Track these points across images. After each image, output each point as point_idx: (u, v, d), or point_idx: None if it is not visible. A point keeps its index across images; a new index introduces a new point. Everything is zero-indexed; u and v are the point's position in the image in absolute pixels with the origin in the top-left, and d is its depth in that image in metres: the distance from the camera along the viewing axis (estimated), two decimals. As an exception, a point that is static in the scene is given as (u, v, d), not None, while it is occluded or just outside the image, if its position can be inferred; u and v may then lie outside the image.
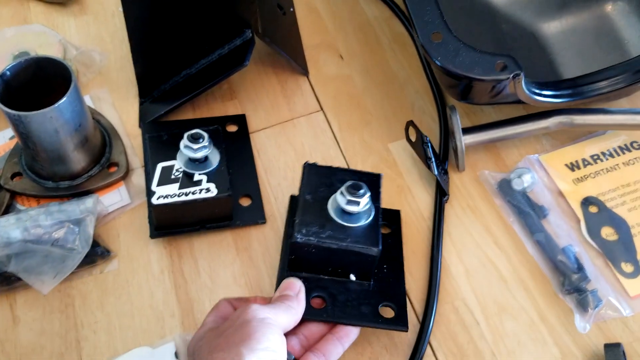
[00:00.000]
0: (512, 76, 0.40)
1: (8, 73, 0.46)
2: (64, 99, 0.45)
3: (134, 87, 0.58)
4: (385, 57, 0.61)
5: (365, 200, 0.40)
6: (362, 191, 0.40)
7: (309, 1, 0.65)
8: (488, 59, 0.40)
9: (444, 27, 0.41)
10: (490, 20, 0.56)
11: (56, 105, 0.45)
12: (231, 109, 0.57)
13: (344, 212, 0.41)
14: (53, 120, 0.45)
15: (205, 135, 0.46)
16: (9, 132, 0.56)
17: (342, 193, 0.40)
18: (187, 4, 0.50)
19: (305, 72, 0.59)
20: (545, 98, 0.43)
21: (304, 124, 0.56)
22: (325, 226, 0.41)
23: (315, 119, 0.57)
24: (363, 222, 0.41)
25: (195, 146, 0.45)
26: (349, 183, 0.41)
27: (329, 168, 0.45)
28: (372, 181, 0.44)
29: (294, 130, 0.56)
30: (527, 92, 0.42)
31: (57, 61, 0.47)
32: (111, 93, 0.58)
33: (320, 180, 0.43)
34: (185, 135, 0.46)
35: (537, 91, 0.43)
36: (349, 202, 0.40)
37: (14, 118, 0.44)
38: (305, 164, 0.45)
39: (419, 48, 0.46)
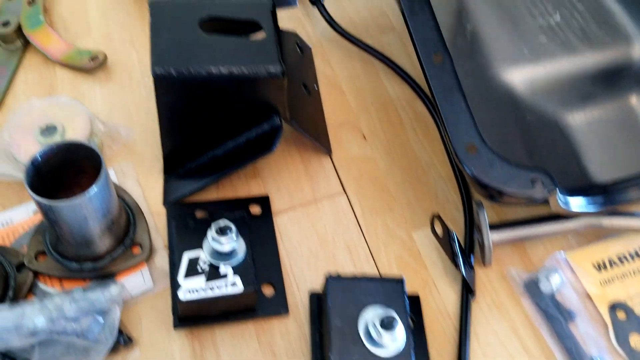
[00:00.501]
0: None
1: (39, 158, 0.47)
2: (95, 188, 0.45)
3: (158, 161, 0.58)
4: (407, 139, 0.61)
5: (396, 335, 0.41)
6: (394, 325, 0.41)
7: (332, 77, 0.66)
8: (523, 174, 0.40)
9: (478, 137, 0.41)
10: (514, 110, 0.57)
11: (87, 194, 0.45)
12: (254, 188, 0.57)
13: (373, 340, 0.41)
14: (83, 208, 0.45)
15: (233, 227, 0.46)
16: (33, 205, 0.55)
17: (374, 326, 0.41)
18: (219, 94, 0.50)
19: (328, 152, 0.59)
20: (577, 208, 0.43)
21: (327, 207, 0.56)
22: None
23: (339, 201, 0.57)
24: (397, 347, 0.42)
25: (224, 239, 0.45)
26: (378, 317, 0.41)
27: (352, 280, 0.45)
28: (395, 288, 0.44)
29: (317, 213, 0.56)
30: (560, 203, 0.42)
31: (87, 147, 0.48)
32: (136, 167, 0.58)
33: (345, 295, 0.43)
34: (213, 226, 0.46)
35: (569, 200, 0.43)
36: (382, 334, 0.40)
37: (45, 207, 0.44)
38: (327, 278, 0.45)
39: (452, 156, 0.46)
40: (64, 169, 0.48)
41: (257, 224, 0.54)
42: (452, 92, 0.43)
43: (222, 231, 0.45)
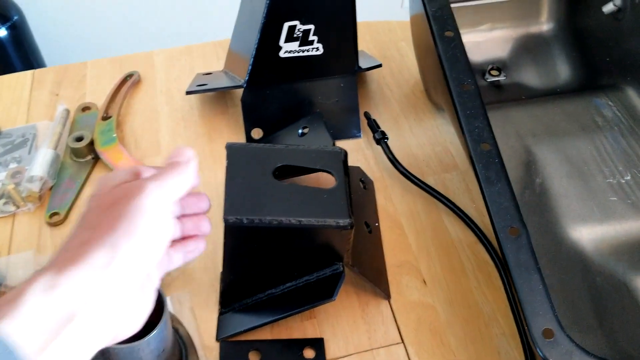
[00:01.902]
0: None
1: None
2: (155, 331, 0.45)
3: (215, 292, 0.58)
4: (469, 287, 0.59)
5: None
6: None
7: (393, 214, 0.65)
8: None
9: (556, 322, 0.39)
10: (582, 271, 0.55)
11: (146, 339, 0.44)
12: (310, 329, 0.56)
13: None
14: (140, 351, 0.45)
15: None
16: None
17: None
18: (286, 241, 0.51)
19: (387, 297, 0.58)
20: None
21: (384, 357, 0.54)
22: None
23: (396, 352, 0.55)
24: None
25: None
26: None
27: None
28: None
29: (373, 363, 0.54)
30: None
31: (153, 288, 0.48)
32: (192, 297, 0.58)
33: None
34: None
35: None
36: None
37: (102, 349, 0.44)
38: None
39: (529, 341, 0.44)
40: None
41: (311, 371, 0.53)
42: (529, 270, 0.41)
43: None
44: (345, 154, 0.54)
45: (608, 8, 0.68)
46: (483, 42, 0.81)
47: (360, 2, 0.67)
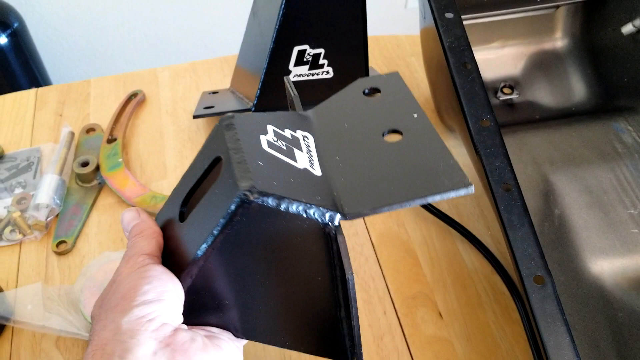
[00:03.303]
0: None
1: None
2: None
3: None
4: (486, 321, 0.58)
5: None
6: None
7: (406, 243, 0.64)
8: None
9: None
10: (604, 307, 0.54)
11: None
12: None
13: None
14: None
15: None
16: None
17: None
18: None
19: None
20: None
21: (401, 396, 0.53)
22: None
23: (412, 390, 0.54)
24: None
25: None
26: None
27: None
28: None
29: (390, 403, 0.53)
30: None
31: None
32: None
33: None
34: None
35: None
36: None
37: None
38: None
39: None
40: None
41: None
42: (555, 321, 0.40)
43: None
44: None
45: (627, 29, 0.66)
46: (495, 59, 0.79)
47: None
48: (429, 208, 0.64)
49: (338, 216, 0.34)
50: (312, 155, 0.38)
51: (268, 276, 0.37)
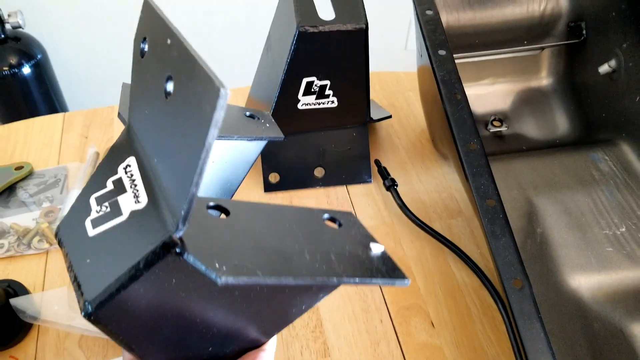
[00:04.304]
0: None
1: None
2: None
3: None
4: (474, 330, 0.63)
5: None
6: None
7: (402, 258, 0.70)
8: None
9: (556, 368, 0.43)
10: (581, 317, 0.59)
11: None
12: (325, 367, 0.60)
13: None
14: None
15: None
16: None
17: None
18: None
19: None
20: None
21: (395, 395, 0.58)
22: None
23: (406, 390, 0.59)
24: None
25: None
26: None
27: None
28: None
29: (384, 401, 0.58)
30: None
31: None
32: None
33: None
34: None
35: None
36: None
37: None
38: None
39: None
40: None
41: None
42: (532, 320, 0.46)
43: None
44: None
45: (604, 69, 0.73)
46: (486, 94, 0.86)
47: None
48: (424, 227, 0.70)
49: (173, 236, 0.29)
50: (136, 186, 0.33)
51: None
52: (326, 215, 0.39)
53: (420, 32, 0.66)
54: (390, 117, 0.83)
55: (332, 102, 0.74)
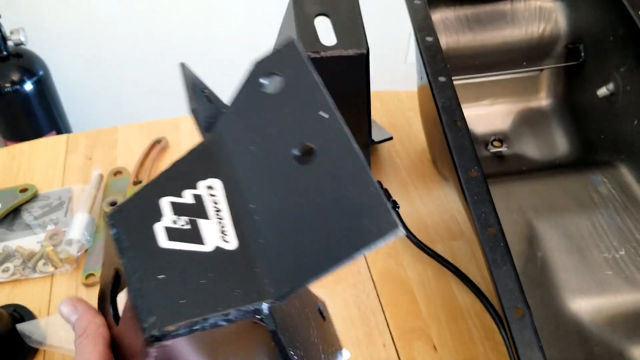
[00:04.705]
0: None
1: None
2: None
3: None
4: (476, 353, 0.64)
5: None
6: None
7: (404, 281, 0.70)
8: None
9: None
10: (581, 341, 0.60)
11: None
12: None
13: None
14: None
15: None
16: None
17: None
18: None
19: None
20: None
21: (398, 420, 0.59)
22: None
23: (409, 415, 0.59)
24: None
25: None
26: None
27: None
28: None
29: None
30: None
31: None
32: None
33: None
34: None
35: None
36: None
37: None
38: None
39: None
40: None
41: None
42: (533, 348, 0.46)
43: None
44: None
45: (602, 92, 0.74)
46: (486, 115, 0.87)
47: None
48: (426, 250, 0.71)
49: (265, 306, 0.29)
50: (222, 219, 0.31)
51: None
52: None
53: (420, 57, 0.67)
54: (391, 138, 0.84)
55: (334, 124, 0.75)
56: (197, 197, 0.32)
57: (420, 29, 0.69)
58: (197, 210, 0.31)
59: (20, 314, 0.65)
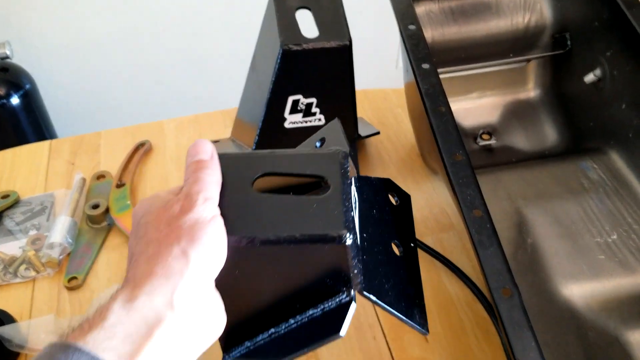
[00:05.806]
0: None
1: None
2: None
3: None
4: (469, 345, 0.62)
5: None
6: None
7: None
8: None
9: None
10: (575, 327, 0.58)
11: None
12: (318, 388, 0.59)
13: None
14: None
15: None
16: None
17: None
18: (271, 263, 0.44)
19: (424, 331, 0.48)
20: None
21: (390, 414, 0.57)
22: None
23: (401, 409, 0.57)
24: None
25: None
26: None
27: None
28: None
29: (380, 421, 0.56)
30: None
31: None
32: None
33: None
34: None
35: None
36: None
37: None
38: None
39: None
40: None
41: None
42: (522, 328, 0.45)
43: None
44: (345, 154, 0.44)
45: (589, 78, 0.74)
46: (474, 108, 0.86)
47: (356, 63, 0.71)
48: (415, 242, 0.69)
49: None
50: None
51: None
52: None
53: (404, 47, 0.66)
54: (378, 133, 0.82)
55: (319, 119, 0.74)
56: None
57: (403, 18, 0.68)
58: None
59: (1, 318, 0.63)
